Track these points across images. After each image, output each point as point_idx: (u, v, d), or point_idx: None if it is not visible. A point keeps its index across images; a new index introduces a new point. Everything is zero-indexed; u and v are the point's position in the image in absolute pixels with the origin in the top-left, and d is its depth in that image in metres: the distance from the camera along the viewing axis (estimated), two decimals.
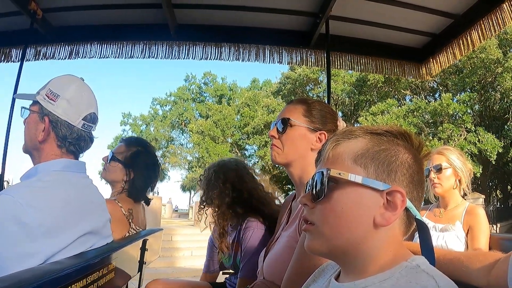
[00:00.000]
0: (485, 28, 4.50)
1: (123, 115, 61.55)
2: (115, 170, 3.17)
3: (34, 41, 5.14)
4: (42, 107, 2.07)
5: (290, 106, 2.32)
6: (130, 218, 3.04)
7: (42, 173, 1.99)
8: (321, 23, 4.77)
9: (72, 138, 2.09)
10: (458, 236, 3.15)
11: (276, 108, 39.92)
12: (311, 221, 1.19)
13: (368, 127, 1.27)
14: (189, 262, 14.33)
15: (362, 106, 39.06)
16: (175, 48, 5.21)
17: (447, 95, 30.76)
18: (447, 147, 3.58)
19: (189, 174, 51.28)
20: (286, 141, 2.21)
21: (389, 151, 1.19)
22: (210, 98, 56.41)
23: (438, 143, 30.87)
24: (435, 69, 5.48)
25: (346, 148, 1.21)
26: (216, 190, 3.23)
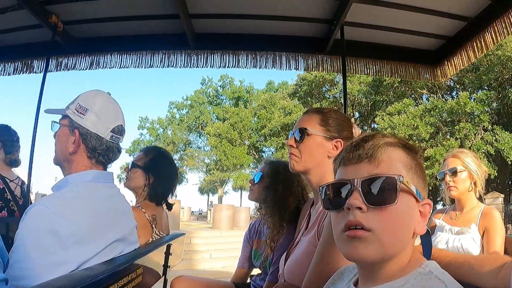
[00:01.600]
0: (498, 31, 4.51)
1: (140, 120, 61.89)
2: (137, 177, 3.29)
3: (56, 52, 5.30)
4: (72, 121, 2.16)
5: (306, 115, 2.39)
6: (153, 224, 3.14)
7: (73, 184, 2.08)
8: (336, 29, 4.85)
9: (101, 149, 2.18)
10: (474, 239, 3.16)
11: (292, 110, 39.86)
12: (367, 228, 1.14)
13: (394, 136, 1.32)
14: (208, 264, 14.38)
15: (379, 106, 38.83)
16: (194, 57, 5.32)
17: (464, 94, 30.45)
18: (462, 150, 3.58)
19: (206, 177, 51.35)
20: (304, 150, 2.28)
21: (421, 167, 1.29)
22: (227, 100, 56.52)
23: (455, 142, 30.62)
24: (450, 71, 5.49)
25: (396, 156, 1.25)
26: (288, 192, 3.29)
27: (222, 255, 15.10)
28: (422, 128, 31.46)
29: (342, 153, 1.31)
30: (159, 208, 3.33)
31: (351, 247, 1.16)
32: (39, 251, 1.74)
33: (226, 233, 18.53)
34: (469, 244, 3.15)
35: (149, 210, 3.17)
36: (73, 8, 4.74)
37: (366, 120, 41.85)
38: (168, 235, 3.39)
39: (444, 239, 3.30)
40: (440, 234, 3.38)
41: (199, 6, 4.73)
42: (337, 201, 1.24)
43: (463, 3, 4.57)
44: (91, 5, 4.70)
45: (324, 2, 4.66)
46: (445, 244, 3.26)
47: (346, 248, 1.18)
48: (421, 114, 32.30)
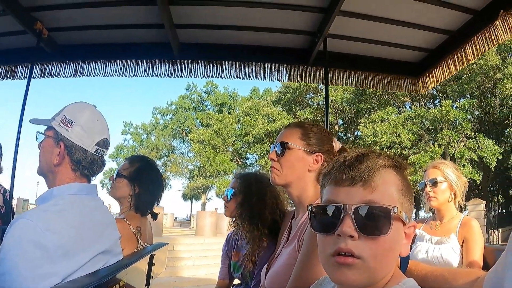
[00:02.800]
0: (479, 44, 4.61)
1: (125, 124, 61.53)
2: (122, 186, 3.26)
3: (40, 59, 5.27)
4: (57, 133, 2.17)
5: (288, 130, 2.42)
6: (138, 235, 3.11)
7: (57, 197, 2.09)
8: (320, 41, 4.90)
9: (85, 162, 2.19)
10: (453, 248, 3.21)
11: (276, 117, 39.88)
12: (357, 256, 1.14)
13: (388, 156, 1.31)
14: (192, 271, 14.33)
15: (362, 114, 39.07)
16: (178, 66, 5.33)
17: (447, 102, 30.84)
18: (443, 161, 3.63)
19: (190, 183, 51.15)
20: (285, 163, 2.31)
21: (410, 188, 1.29)
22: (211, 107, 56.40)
23: (438, 149, 30.91)
24: (431, 83, 5.59)
25: (390, 180, 1.24)
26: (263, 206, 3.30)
27: (206, 262, 15.08)
28: (404, 136, 31.74)
29: (333, 170, 1.28)
30: (143, 218, 3.31)
31: (339, 272, 1.16)
32: (26, 264, 1.75)
33: (209, 240, 18.45)
34: (448, 254, 3.20)
35: (134, 222, 3.14)
36: (58, 15, 4.73)
37: (350, 128, 42.09)
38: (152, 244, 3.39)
39: (424, 249, 3.34)
40: (420, 244, 3.41)
41: (184, 17, 4.75)
42: (327, 224, 1.21)
43: (445, 17, 4.66)
44: (76, 13, 4.70)
45: (308, 15, 4.71)
46: (425, 254, 3.30)
47: (334, 273, 1.18)
48: (403, 122, 32.56)
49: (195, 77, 5.36)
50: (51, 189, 2.16)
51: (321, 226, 1.24)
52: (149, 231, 3.44)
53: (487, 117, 32.80)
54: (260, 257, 3.16)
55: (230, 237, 3.78)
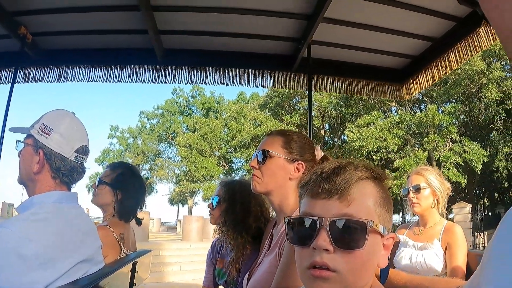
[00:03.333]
0: (462, 51, 4.67)
1: (111, 128, 61.14)
2: (104, 193, 3.25)
3: (24, 63, 5.23)
4: (36, 140, 2.16)
5: (270, 138, 2.42)
6: (121, 242, 3.10)
7: (37, 205, 2.07)
8: (304, 47, 4.92)
9: (65, 169, 2.19)
10: (437, 254, 3.23)
11: (262, 121, 39.86)
12: (332, 269, 1.13)
13: (367, 166, 1.31)
14: (178, 277, 14.27)
15: (348, 118, 39.19)
16: (162, 72, 5.31)
17: (432, 106, 31.08)
18: (426, 168, 3.64)
19: (177, 188, 50.96)
20: (266, 171, 2.31)
21: (389, 199, 1.29)
22: (197, 111, 56.25)
23: (423, 154, 31.12)
24: (415, 90, 5.63)
25: (367, 192, 1.24)
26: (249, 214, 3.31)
27: (192, 268, 15.03)
28: (390, 140, 31.91)
29: (310, 182, 1.27)
30: (127, 225, 3.31)
31: (315, 285, 1.16)
32: (7, 273, 1.75)
33: (195, 245, 18.36)
34: (432, 259, 3.21)
35: (117, 229, 3.13)
36: (42, 20, 4.70)
37: (336, 132, 42.19)
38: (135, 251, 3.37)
39: (407, 255, 3.36)
40: (403, 250, 3.42)
41: (168, 23, 4.75)
42: (303, 236, 1.21)
43: (429, 24, 4.70)
44: (60, 18, 4.67)
45: (292, 21, 4.73)
46: (409, 259, 3.31)
47: (309, 286, 1.18)
48: (389, 127, 32.73)
49: (179, 83, 5.37)
50: (31, 198, 2.15)
51: (297, 238, 1.24)
52: (133, 238, 3.43)
53: (472, 121, 33.11)
54: (244, 265, 3.17)
55: (214, 244, 3.76)
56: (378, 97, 6.06)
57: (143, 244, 15.80)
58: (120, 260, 3.02)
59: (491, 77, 28.75)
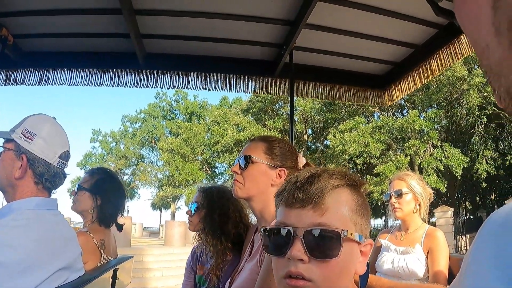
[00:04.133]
0: (444, 58, 4.72)
1: (93, 132, 60.81)
2: (83, 199, 3.24)
3: (5, 66, 5.15)
4: (18, 145, 2.14)
5: (252, 143, 2.43)
6: (102, 249, 3.08)
7: (16, 212, 2.05)
8: (286, 53, 4.92)
9: (48, 175, 2.17)
10: (418, 258, 3.26)
11: (245, 126, 39.86)
12: (308, 278, 1.15)
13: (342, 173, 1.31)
14: (161, 282, 14.22)
15: (331, 123, 39.35)
16: (144, 76, 5.26)
17: (413, 112, 31.40)
18: (408, 173, 3.68)
19: (159, 193, 50.72)
20: (248, 177, 2.30)
21: (366, 205, 1.30)
22: (180, 115, 56.10)
23: (405, 158, 31.40)
24: (397, 96, 5.66)
25: (342, 199, 1.24)
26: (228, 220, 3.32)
27: (175, 273, 14.94)
28: (372, 145, 32.12)
29: (285, 191, 1.28)
30: (107, 231, 3.29)
31: None
32: None
33: (178, 250, 18.31)
34: (414, 264, 3.24)
35: (98, 235, 3.11)
36: (24, 22, 4.64)
37: (319, 137, 42.34)
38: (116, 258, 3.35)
39: (389, 259, 3.38)
40: (385, 254, 3.45)
41: (150, 27, 4.72)
42: (278, 246, 1.22)
43: (410, 31, 4.74)
44: (43, 20, 4.62)
45: (275, 27, 4.73)
46: (391, 264, 3.34)
47: None
48: (371, 131, 32.96)
49: (161, 87, 5.34)
50: (10, 203, 2.13)
51: (273, 248, 1.25)
52: (113, 244, 3.41)
53: (454, 126, 33.49)
54: (224, 271, 3.17)
55: (194, 251, 3.74)
56: (360, 103, 6.09)
57: (125, 250, 15.81)
58: (101, 267, 3.01)
59: (472, 83, 29.09)
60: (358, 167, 37.78)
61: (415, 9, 4.34)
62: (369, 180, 33.83)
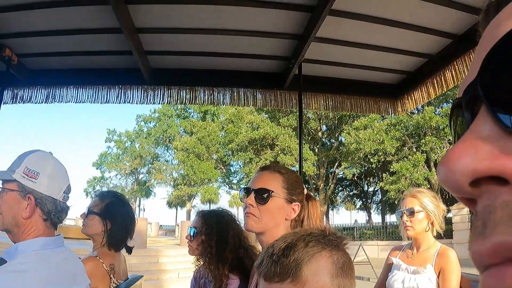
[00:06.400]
0: (459, 69, 4.60)
1: (108, 132, 61.19)
2: (94, 224, 3.22)
3: (11, 84, 5.16)
4: (23, 186, 2.10)
5: (267, 174, 2.29)
6: (111, 273, 3.06)
7: (22, 255, 2.02)
8: (295, 66, 4.84)
9: (56, 211, 2.15)
10: (429, 279, 3.19)
11: (260, 124, 39.82)
12: None
13: (319, 237, 1.26)
14: (176, 284, 14.20)
15: (345, 120, 39.19)
16: (150, 92, 5.24)
17: (429, 108, 31.21)
18: (420, 190, 3.59)
19: (174, 192, 50.90)
20: (265, 211, 2.18)
21: (349, 263, 1.26)
22: (194, 114, 56.17)
23: (421, 156, 31.24)
24: (410, 106, 5.55)
25: (321, 267, 1.20)
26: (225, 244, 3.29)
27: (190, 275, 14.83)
28: (388, 142, 31.98)
29: (263, 265, 1.25)
30: (117, 254, 3.27)
31: None
32: None
33: None
34: (424, 284, 3.18)
35: (107, 259, 3.09)
36: (27, 42, 4.64)
37: (333, 134, 42.17)
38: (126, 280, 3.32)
39: (400, 278, 3.32)
40: (396, 273, 3.40)
41: (154, 43, 4.68)
42: None
43: (424, 41, 4.63)
44: (46, 40, 4.61)
45: (283, 41, 4.66)
46: (401, 283, 3.28)
47: None
48: (386, 129, 32.80)
49: (168, 103, 5.33)
50: (16, 245, 2.09)
51: None
52: (124, 266, 3.40)
53: None
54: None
55: (198, 271, 3.71)
56: (373, 113, 5.98)
57: (141, 251, 16.15)
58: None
59: None
60: (373, 166, 37.64)
61: (428, 19, 4.24)
62: (385, 178, 33.75)
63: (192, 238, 3.46)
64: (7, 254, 2.06)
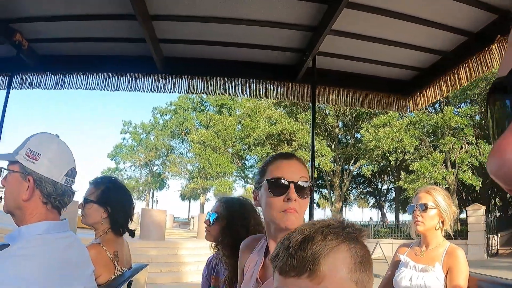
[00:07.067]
0: (473, 68, 4.51)
1: (124, 123, 61.76)
2: (92, 212, 3.17)
3: (21, 69, 5.14)
4: (24, 167, 2.09)
5: (301, 164, 2.10)
6: (115, 261, 3.02)
7: (25, 238, 2.01)
8: (308, 59, 4.77)
9: (56, 194, 2.12)
10: (437, 277, 3.16)
11: (277, 119, 39.80)
12: None
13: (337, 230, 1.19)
14: (196, 277, 14.15)
15: (362, 117, 39.05)
16: (161, 81, 5.19)
17: (449, 108, 31.14)
18: (435, 187, 3.53)
19: (190, 184, 51.09)
20: (306, 205, 2.04)
21: (367, 257, 1.21)
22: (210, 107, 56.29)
23: (440, 156, 31.13)
24: (422, 103, 5.46)
25: (340, 261, 1.15)
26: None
27: None
28: (407, 141, 31.90)
29: (279, 258, 1.18)
30: (120, 240, 3.23)
31: None
32: None
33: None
34: (432, 283, 3.15)
35: (111, 246, 3.04)
36: (38, 27, 4.61)
37: (350, 131, 42.06)
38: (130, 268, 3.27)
39: (407, 276, 3.28)
40: (404, 270, 3.35)
41: (167, 32, 4.62)
42: None
43: (439, 38, 4.54)
44: (57, 25, 4.57)
45: (298, 33, 4.58)
46: (409, 281, 3.24)
47: None
48: (405, 127, 32.69)
49: (179, 92, 5.26)
50: (19, 228, 2.08)
51: None
52: (127, 253, 3.34)
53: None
54: None
55: (210, 261, 3.70)
56: (384, 109, 5.90)
57: (160, 243, 16.56)
58: (115, 279, 2.95)
59: None
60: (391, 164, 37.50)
61: (444, 15, 4.15)
62: (404, 177, 33.64)
63: (211, 223, 3.38)
64: (10, 238, 2.07)
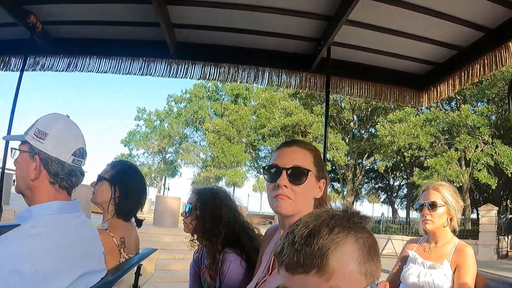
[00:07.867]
0: (488, 64, 4.44)
1: (138, 110, 62.08)
2: (103, 190, 3.15)
3: (34, 51, 5.16)
4: (32, 146, 2.11)
5: (300, 151, 2.09)
6: (122, 247, 2.99)
7: (36, 218, 2.02)
8: (323, 49, 4.70)
9: (64, 174, 2.12)
10: (445, 274, 3.15)
11: (293, 111, 39.73)
12: None
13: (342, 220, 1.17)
14: None
15: (378, 112, 38.84)
16: (174, 66, 5.18)
17: (466, 107, 30.97)
18: (442, 183, 3.50)
19: (202, 173, 51.25)
20: (302, 192, 2.00)
21: (374, 245, 1.17)
22: (226, 97, 56.32)
23: (455, 154, 31.00)
24: (435, 97, 5.41)
25: (348, 254, 1.12)
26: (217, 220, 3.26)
27: None
28: (422, 137, 31.79)
29: (284, 254, 1.14)
30: (128, 226, 3.18)
31: None
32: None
33: None
34: (440, 280, 3.14)
35: (117, 233, 3.00)
36: (52, 9, 4.60)
37: (365, 125, 41.90)
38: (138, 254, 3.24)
39: (415, 272, 3.27)
40: (412, 266, 3.34)
41: (182, 16, 4.58)
42: None
43: (456, 32, 4.48)
44: (71, 7, 4.58)
45: (313, 22, 4.53)
46: (417, 278, 3.23)
47: None
48: (421, 124, 32.54)
49: (191, 78, 5.25)
50: (30, 208, 2.11)
51: None
52: (135, 239, 3.32)
53: (503, 122, 32.78)
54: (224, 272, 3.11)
55: (196, 255, 3.69)
56: (397, 103, 5.84)
57: (173, 230, 16.95)
58: (124, 264, 2.92)
59: None
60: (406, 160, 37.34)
61: (462, 10, 4.08)
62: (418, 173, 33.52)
63: (187, 214, 3.43)
64: (21, 217, 2.09)
